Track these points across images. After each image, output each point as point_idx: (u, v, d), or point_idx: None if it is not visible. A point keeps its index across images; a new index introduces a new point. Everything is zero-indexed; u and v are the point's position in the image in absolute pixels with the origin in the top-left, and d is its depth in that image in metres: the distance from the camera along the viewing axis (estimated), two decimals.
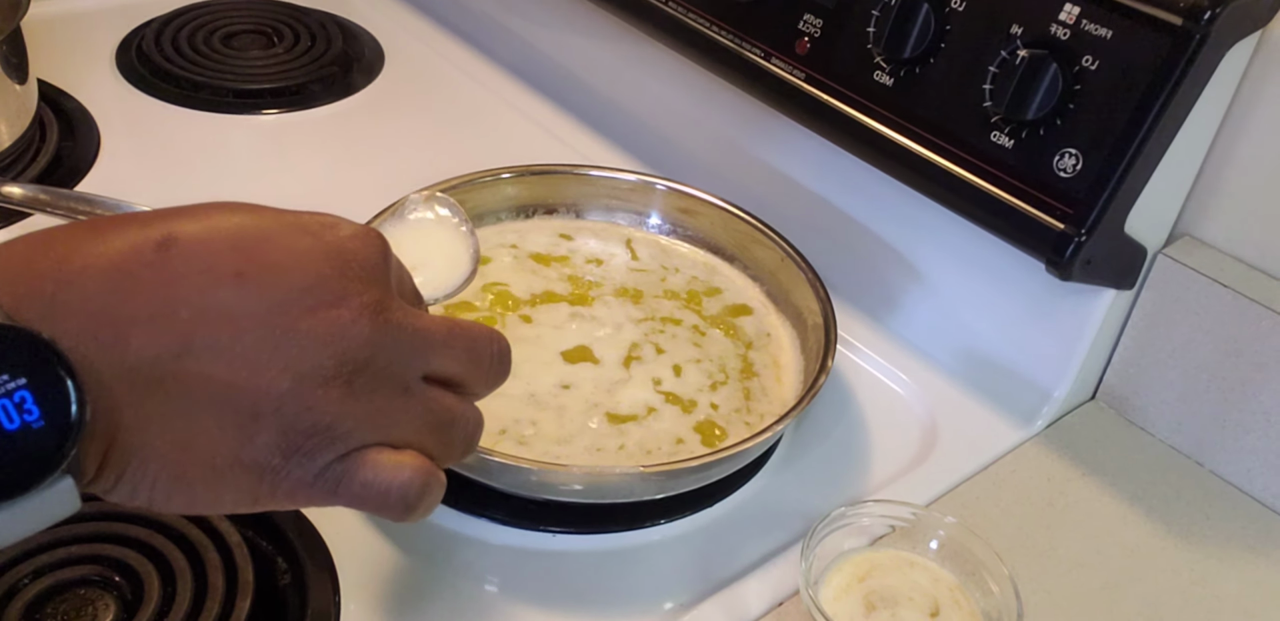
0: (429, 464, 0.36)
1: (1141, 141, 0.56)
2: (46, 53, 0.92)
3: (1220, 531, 0.65)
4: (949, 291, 0.73)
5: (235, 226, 0.34)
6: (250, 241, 0.33)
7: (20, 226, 0.77)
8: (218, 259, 0.32)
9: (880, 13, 0.64)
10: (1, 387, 0.27)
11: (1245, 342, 0.64)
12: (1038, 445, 0.69)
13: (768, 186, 0.81)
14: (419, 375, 0.36)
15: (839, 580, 0.55)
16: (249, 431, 0.32)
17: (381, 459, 0.34)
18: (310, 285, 0.33)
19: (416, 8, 1.08)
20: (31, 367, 0.28)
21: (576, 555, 0.60)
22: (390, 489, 0.34)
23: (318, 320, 0.32)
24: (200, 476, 0.32)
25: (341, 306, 0.33)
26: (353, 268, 0.34)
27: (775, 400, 0.67)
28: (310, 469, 0.33)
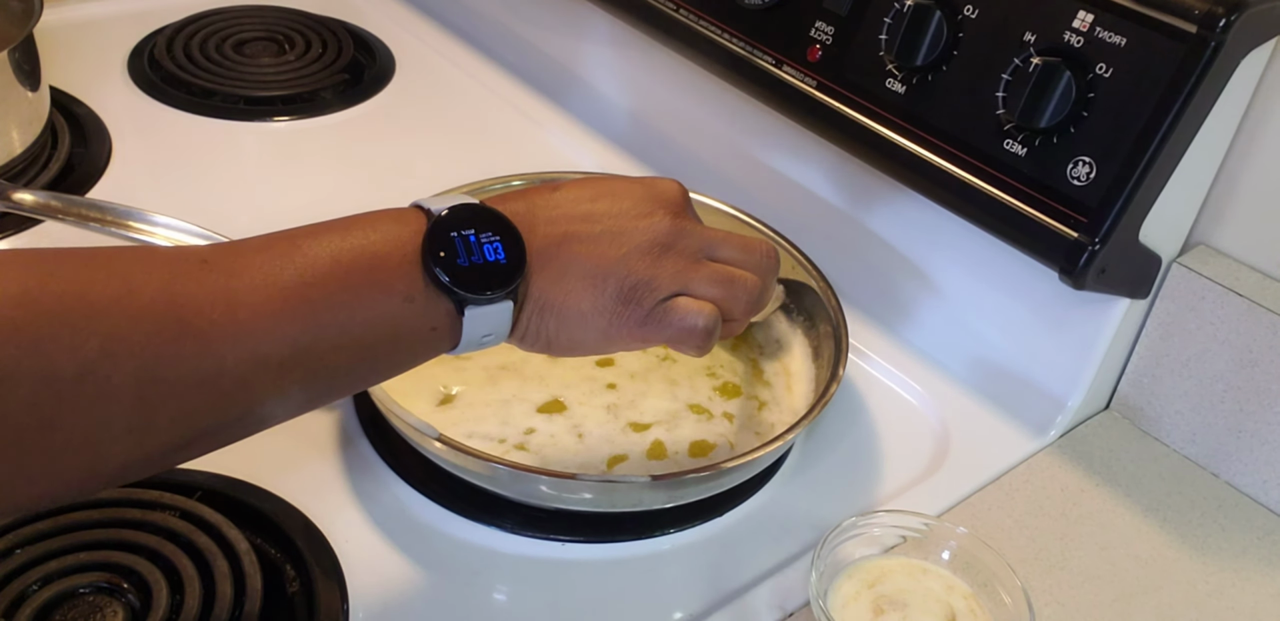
0: (716, 309, 0.52)
1: (1156, 149, 0.56)
2: (59, 60, 0.92)
3: (1235, 543, 0.64)
4: (961, 300, 0.73)
5: (595, 181, 0.53)
6: (602, 186, 0.52)
7: (31, 233, 0.77)
8: (583, 194, 0.52)
9: (892, 20, 0.64)
10: (488, 238, 0.47)
11: (1261, 352, 0.63)
12: (1051, 455, 0.69)
13: (779, 194, 0.81)
14: (705, 256, 0.53)
15: (848, 587, 0.55)
16: (600, 288, 0.50)
17: (688, 303, 0.52)
18: (635, 204, 0.52)
19: (428, 15, 1.08)
20: (503, 231, 0.48)
21: (586, 564, 0.60)
22: (696, 323, 0.51)
23: (638, 222, 0.51)
24: (575, 320, 0.50)
25: (654, 215, 0.52)
26: (663, 197, 0.53)
27: (786, 409, 0.67)
28: (641, 310, 0.51)
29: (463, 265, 0.46)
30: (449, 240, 0.46)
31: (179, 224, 0.65)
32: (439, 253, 0.46)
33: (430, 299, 0.46)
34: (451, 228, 0.47)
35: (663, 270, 0.51)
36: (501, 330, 0.49)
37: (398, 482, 0.63)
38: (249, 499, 0.59)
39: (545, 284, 0.49)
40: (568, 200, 0.51)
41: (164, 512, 0.57)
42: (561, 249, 0.49)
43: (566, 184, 0.53)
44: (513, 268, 0.47)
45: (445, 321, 0.47)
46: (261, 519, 0.59)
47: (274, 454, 0.63)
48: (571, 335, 0.50)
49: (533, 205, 0.50)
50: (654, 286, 0.51)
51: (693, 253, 0.52)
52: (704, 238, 0.53)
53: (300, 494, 0.60)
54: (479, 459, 0.56)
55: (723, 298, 0.52)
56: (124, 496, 0.58)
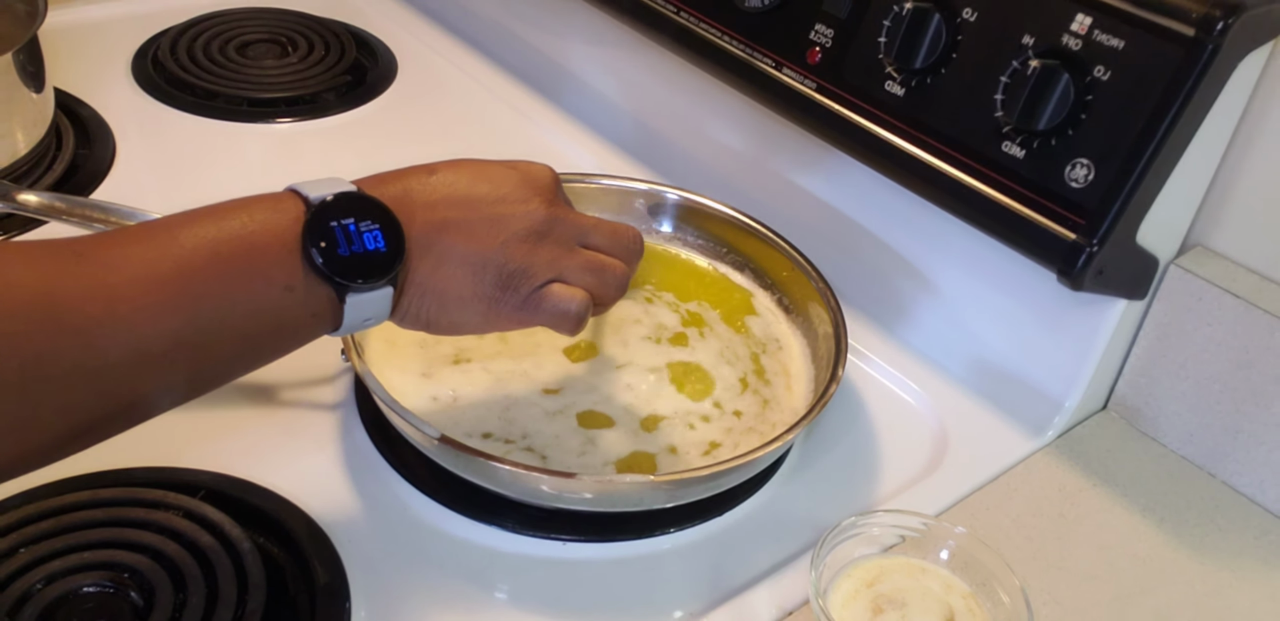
0: (588, 295, 0.55)
1: (1153, 152, 0.56)
2: (63, 61, 0.93)
3: (1233, 543, 0.65)
4: (960, 301, 0.73)
5: (470, 164, 0.54)
6: (477, 171, 0.53)
7: (35, 234, 0.77)
8: (459, 178, 0.52)
9: (891, 23, 0.64)
10: (367, 226, 0.47)
11: (1258, 353, 0.63)
12: (1049, 455, 0.69)
13: (778, 195, 0.81)
14: (578, 243, 0.55)
15: (848, 586, 0.55)
16: (479, 275, 0.52)
17: (561, 289, 0.54)
18: (511, 190, 0.53)
19: (430, 17, 1.09)
20: (382, 219, 0.48)
21: (587, 563, 0.60)
22: (569, 307, 0.54)
23: (515, 208, 0.53)
24: (455, 303, 0.52)
25: (527, 203, 0.53)
26: (536, 183, 0.54)
27: (785, 409, 0.67)
28: (518, 297, 0.53)
29: (343, 255, 0.47)
30: (329, 230, 0.47)
31: None
32: (319, 242, 0.46)
33: (311, 287, 0.47)
34: (331, 217, 0.47)
35: (539, 258, 0.53)
36: (382, 314, 0.50)
37: (400, 482, 0.63)
38: (252, 498, 0.60)
39: (426, 270, 0.51)
40: (444, 184, 0.52)
41: (167, 512, 0.57)
42: (441, 236, 0.51)
43: (442, 167, 0.53)
44: (392, 256, 0.48)
45: (326, 307, 0.48)
46: (264, 518, 0.59)
47: (277, 453, 0.64)
48: (452, 318, 0.53)
49: (409, 190, 0.51)
50: (531, 273, 0.53)
51: (567, 240, 0.54)
52: (577, 225, 0.55)
53: (303, 493, 0.61)
54: (481, 459, 0.56)
55: (594, 284, 0.55)
56: (127, 496, 0.58)
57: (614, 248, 0.57)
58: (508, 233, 0.52)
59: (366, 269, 0.47)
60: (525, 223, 0.53)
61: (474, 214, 0.52)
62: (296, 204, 0.48)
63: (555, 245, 0.54)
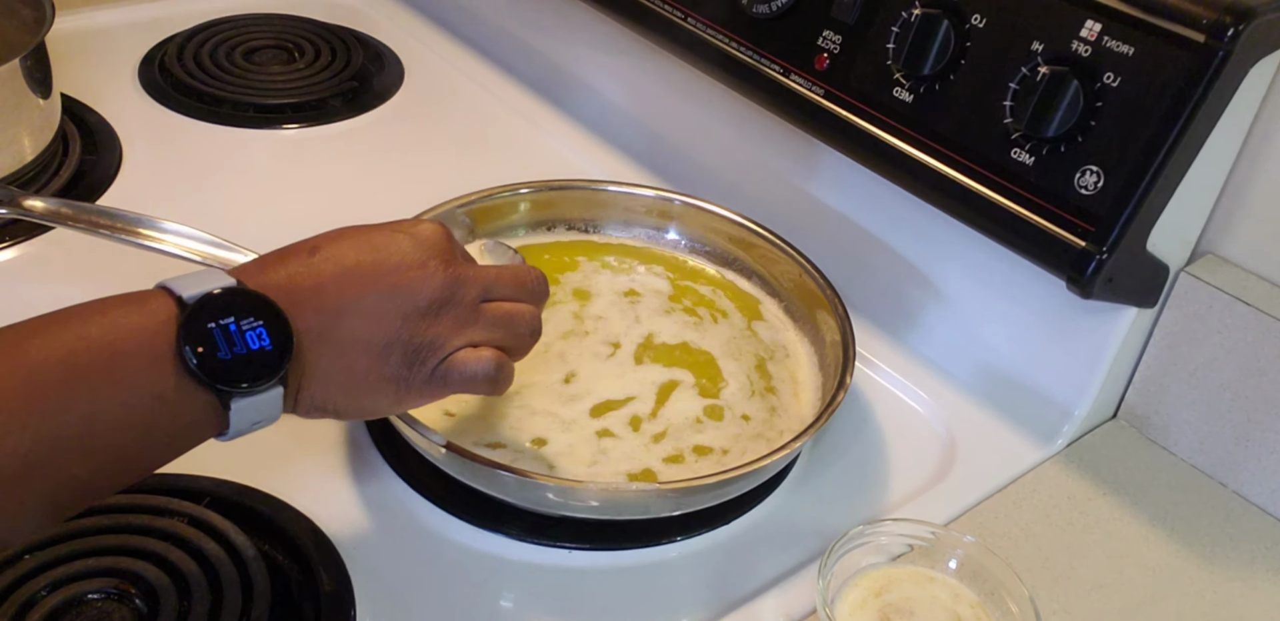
0: (497, 352, 0.52)
1: (1164, 159, 0.56)
2: (70, 67, 0.93)
3: (1243, 552, 0.64)
4: (968, 308, 0.73)
5: (353, 235, 0.50)
6: (362, 241, 0.50)
7: (42, 240, 0.77)
8: (344, 255, 0.49)
9: (900, 29, 0.64)
10: (249, 324, 0.44)
11: (1269, 361, 0.63)
12: (1058, 464, 0.69)
13: (786, 202, 0.81)
14: (482, 300, 0.52)
15: (855, 595, 0.55)
16: (384, 357, 0.49)
17: (466, 355, 0.51)
18: (401, 259, 0.50)
19: (437, 23, 1.09)
20: (266, 315, 0.45)
21: (593, 571, 0.60)
22: (477, 372, 0.51)
23: (410, 278, 0.49)
24: (362, 389, 0.49)
25: (423, 268, 0.50)
26: (427, 244, 0.51)
27: (793, 417, 0.67)
28: (425, 372, 0.50)
29: (224, 359, 0.43)
30: (206, 332, 0.43)
31: (189, 231, 0.65)
32: (196, 348, 0.43)
33: (186, 395, 0.43)
34: (208, 318, 0.43)
35: (443, 327, 0.50)
36: (274, 414, 0.46)
37: (405, 489, 0.63)
38: (257, 505, 0.59)
39: (327, 361, 0.47)
40: (330, 262, 0.48)
41: (172, 518, 0.57)
42: (338, 321, 0.47)
43: (323, 242, 0.50)
44: (279, 354, 0.45)
45: (207, 415, 0.44)
46: (269, 525, 0.59)
47: (282, 460, 0.63)
48: (361, 405, 0.50)
49: (294, 275, 0.47)
50: (437, 345, 0.50)
51: (470, 301, 0.51)
52: (477, 282, 0.52)
53: (308, 500, 0.60)
54: (486, 466, 0.56)
55: (503, 337, 0.53)
56: (132, 503, 0.58)
57: (520, 294, 0.54)
58: (408, 306, 0.49)
59: (251, 371, 0.44)
60: (425, 293, 0.49)
61: (368, 290, 0.48)
62: (167, 304, 0.44)
63: (458, 308, 0.51)
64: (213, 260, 0.65)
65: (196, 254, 0.64)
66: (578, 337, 0.69)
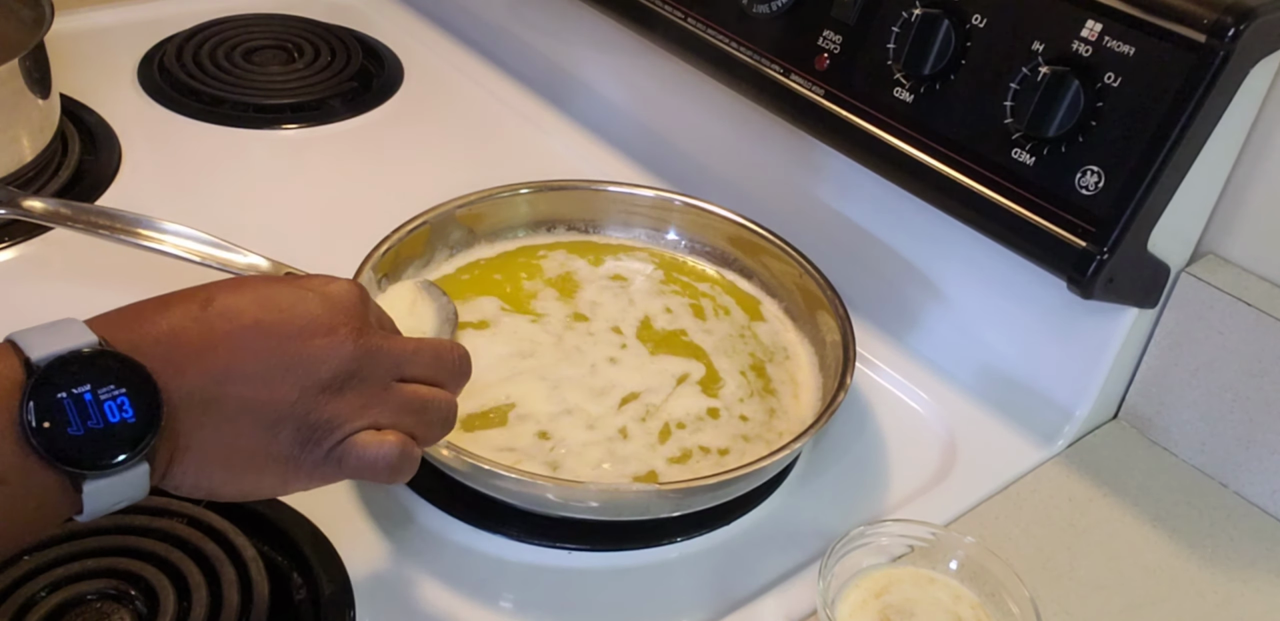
0: (403, 437, 0.46)
1: (1164, 159, 0.56)
2: (69, 67, 0.93)
3: (1245, 553, 0.64)
4: (969, 309, 0.73)
5: (255, 289, 0.44)
6: (264, 295, 0.44)
7: (41, 240, 0.77)
8: (243, 310, 0.43)
9: (900, 29, 0.64)
10: (108, 393, 0.38)
11: (1270, 362, 0.63)
12: (1059, 465, 0.69)
13: (786, 202, 0.81)
14: (395, 378, 0.46)
15: (855, 596, 0.55)
16: (274, 431, 0.43)
17: (367, 438, 0.45)
18: (308, 323, 0.44)
19: (436, 23, 1.09)
20: (130, 382, 0.39)
21: (593, 572, 0.60)
22: (377, 458, 0.45)
23: (314, 346, 0.43)
24: (243, 467, 0.43)
25: (331, 335, 0.44)
26: (339, 307, 0.45)
27: (793, 418, 0.67)
28: (319, 453, 0.44)
29: (75, 435, 0.37)
30: (54, 404, 0.37)
31: (188, 231, 0.65)
32: (41, 422, 0.37)
33: (31, 474, 0.37)
34: (58, 387, 0.37)
35: (345, 405, 0.44)
36: (139, 492, 0.40)
37: (404, 490, 0.63)
38: (256, 506, 0.59)
39: (208, 433, 0.41)
40: (225, 319, 0.42)
41: (171, 519, 0.57)
42: (224, 388, 0.41)
43: (219, 293, 0.43)
44: (143, 427, 0.39)
45: (56, 495, 0.38)
46: (269, 526, 0.59)
47: None
48: (242, 485, 0.44)
49: (177, 329, 0.41)
50: (334, 425, 0.44)
51: (379, 378, 0.45)
52: (392, 357, 0.46)
53: (307, 501, 0.60)
54: (486, 467, 0.56)
55: (413, 424, 0.47)
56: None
57: (437, 374, 0.49)
58: (309, 379, 0.43)
59: (107, 449, 0.38)
60: (330, 364, 0.43)
61: (265, 356, 0.42)
62: (13, 365, 0.38)
63: (365, 386, 0.45)
64: (213, 260, 0.65)
65: (196, 254, 0.64)
66: (583, 325, 0.70)
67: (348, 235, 0.71)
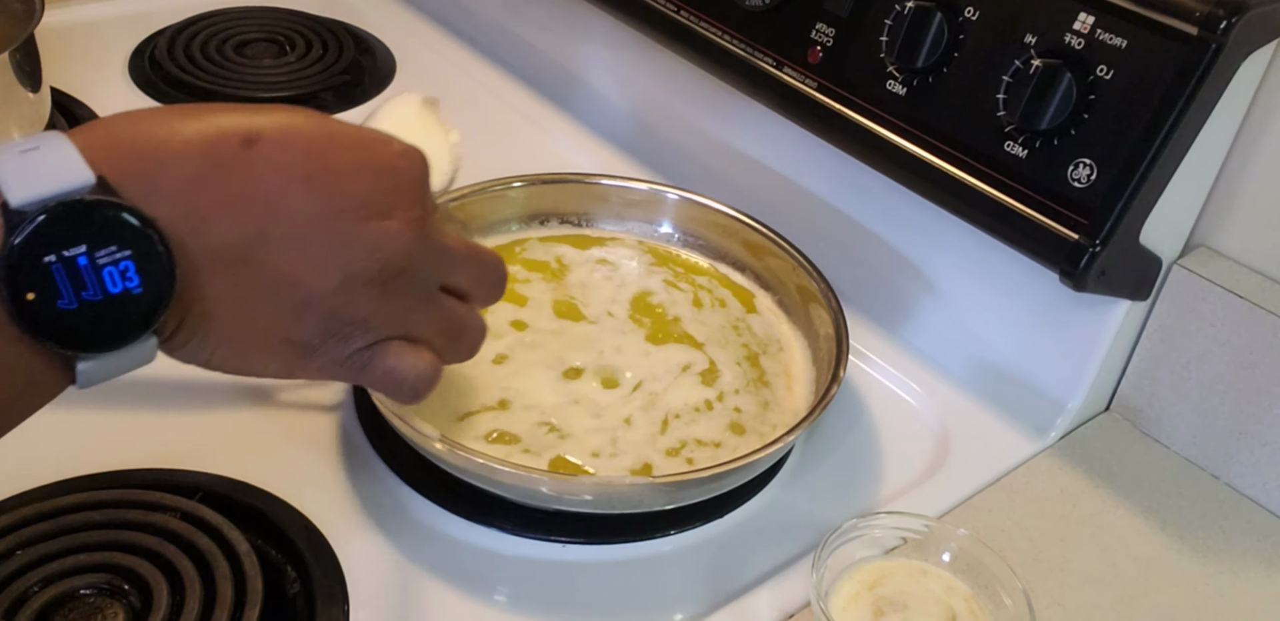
0: (437, 359, 0.42)
1: (1156, 152, 0.56)
2: (60, 60, 0.92)
3: (1236, 545, 0.64)
4: (962, 302, 0.73)
5: (309, 133, 0.37)
6: (320, 148, 0.37)
7: None
8: (292, 161, 0.36)
9: (893, 22, 0.64)
10: (109, 257, 0.31)
11: (1261, 354, 0.63)
12: (1051, 457, 0.69)
13: (779, 195, 0.81)
14: (439, 285, 0.42)
15: (849, 588, 0.55)
16: (299, 315, 0.37)
17: (403, 350, 0.41)
18: (366, 196, 0.37)
19: (428, 16, 1.08)
20: (136, 242, 0.32)
21: (586, 565, 0.60)
22: (407, 376, 0.41)
23: (370, 229, 0.37)
24: (255, 346, 0.38)
25: (390, 219, 0.38)
26: (401, 183, 0.39)
27: (786, 410, 0.67)
28: (343, 350, 0.39)
29: (66, 309, 0.31)
30: (42, 271, 0.31)
31: None
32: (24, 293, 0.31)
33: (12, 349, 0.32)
34: (47, 248, 0.31)
35: (386, 306, 0.39)
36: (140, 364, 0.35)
37: (398, 483, 0.63)
38: (250, 500, 0.59)
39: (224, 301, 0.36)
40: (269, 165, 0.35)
41: (165, 514, 0.57)
42: (256, 252, 0.35)
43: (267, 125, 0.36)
44: (151, 299, 0.33)
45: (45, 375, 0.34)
46: (262, 520, 0.59)
47: (275, 455, 0.63)
48: (245, 363, 0.39)
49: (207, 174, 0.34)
50: (369, 326, 0.39)
51: (424, 283, 0.41)
52: (442, 259, 0.41)
53: (301, 495, 0.60)
54: (479, 460, 0.56)
55: (444, 344, 0.43)
56: (125, 498, 0.58)
57: (477, 286, 0.44)
58: (356, 265, 0.37)
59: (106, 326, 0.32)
60: (381, 254, 0.38)
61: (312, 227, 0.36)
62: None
63: (410, 289, 0.40)
64: None
65: None
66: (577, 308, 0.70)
67: None
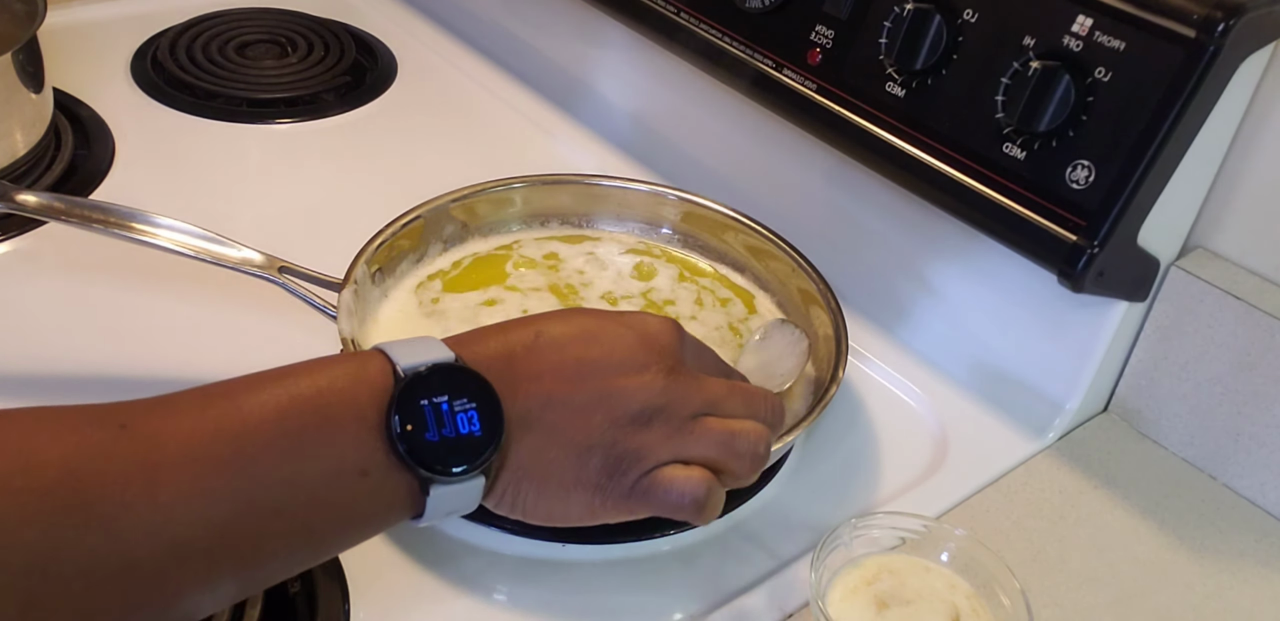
0: (708, 474, 0.47)
1: (1154, 153, 0.56)
2: (62, 61, 0.93)
3: (1233, 545, 0.65)
4: (960, 302, 0.73)
5: (579, 325, 0.47)
6: (589, 334, 0.47)
7: (34, 235, 0.77)
8: (568, 346, 0.46)
9: (892, 24, 0.64)
10: (463, 406, 0.41)
11: (1259, 355, 0.63)
12: (1049, 457, 0.69)
13: (779, 197, 0.81)
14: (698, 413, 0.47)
15: (849, 586, 0.55)
16: (584, 459, 0.45)
17: (674, 473, 0.46)
18: (625, 359, 0.46)
19: (430, 18, 1.09)
20: (481, 397, 0.42)
21: (586, 565, 0.60)
22: (683, 493, 0.46)
23: (629, 381, 0.46)
24: (555, 492, 0.45)
25: (646, 372, 0.46)
26: (654, 346, 0.47)
27: (786, 411, 0.67)
28: (625, 483, 0.46)
29: (431, 441, 0.40)
30: (418, 410, 0.40)
31: (182, 226, 0.65)
32: (405, 425, 0.40)
33: (389, 473, 0.40)
34: (422, 394, 0.41)
35: (652, 437, 0.46)
36: (470, 505, 0.44)
37: None
38: None
39: (526, 453, 0.44)
40: (553, 349, 0.45)
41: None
42: (545, 414, 0.44)
43: (549, 324, 0.47)
44: (487, 441, 0.42)
45: (404, 498, 0.41)
46: None
47: None
48: (551, 508, 0.46)
49: (513, 357, 0.45)
50: (641, 456, 0.46)
51: (685, 414, 0.47)
52: (702, 396, 0.48)
53: None
54: None
55: (721, 458, 0.48)
56: None
57: (749, 416, 0.50)
58: (619, 411, 0.45)
59: (456, 457, 0.41)
60: (640, 399, 0.46)
61: (582, 387, 0.45)
62: (384, 370, 0.41)
63: (673, 418, 0.46)
64: (206, 255, 0.65)
65: (190, 249, 0.65)
66: None
67: (341, 229, 0.71)
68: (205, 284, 0.72)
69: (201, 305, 0.73)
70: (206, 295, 0.73)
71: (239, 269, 0.65)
